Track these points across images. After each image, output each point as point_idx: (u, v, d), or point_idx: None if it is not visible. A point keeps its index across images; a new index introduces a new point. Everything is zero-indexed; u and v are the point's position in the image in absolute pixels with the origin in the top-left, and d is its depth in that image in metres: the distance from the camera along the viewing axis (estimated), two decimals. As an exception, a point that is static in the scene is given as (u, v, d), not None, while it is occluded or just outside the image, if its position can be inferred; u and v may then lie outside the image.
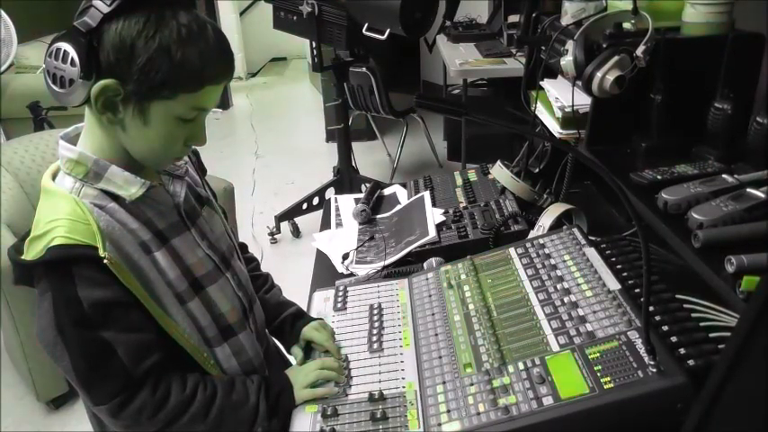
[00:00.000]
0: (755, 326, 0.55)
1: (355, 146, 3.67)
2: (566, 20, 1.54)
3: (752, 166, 1.11)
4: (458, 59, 3.48)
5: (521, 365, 0.95)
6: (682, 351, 0.91)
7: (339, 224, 1.71)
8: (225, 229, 1.15)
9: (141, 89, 0.86)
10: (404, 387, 1.00)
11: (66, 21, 0.87)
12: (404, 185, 1.86)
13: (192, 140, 0.96)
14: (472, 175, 1.78)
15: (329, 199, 1.86)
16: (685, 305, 1.02)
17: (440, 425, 0.90)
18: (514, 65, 3.24)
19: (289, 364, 1.19)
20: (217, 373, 1.04)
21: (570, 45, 1.30)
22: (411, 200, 1.69)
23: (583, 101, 1.39)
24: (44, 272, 0.89)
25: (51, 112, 3.56)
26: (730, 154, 1.17)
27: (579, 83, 1.27)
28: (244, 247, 1.29)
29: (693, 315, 1.00)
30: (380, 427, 0.93)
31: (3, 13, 3.54)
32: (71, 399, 2.27)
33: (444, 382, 0.98)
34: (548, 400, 0.87)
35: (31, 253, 0.88)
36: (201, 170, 1.19)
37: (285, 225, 3.48)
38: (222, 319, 1.06)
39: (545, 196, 1.62)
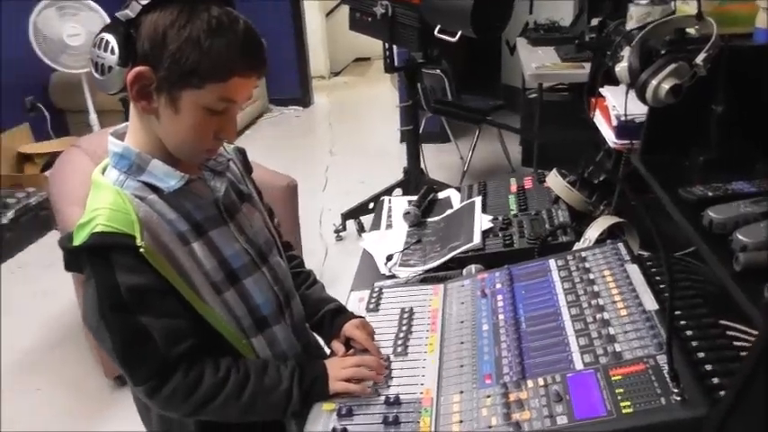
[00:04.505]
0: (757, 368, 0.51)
1: (428, 147, 3.67)
2: (630, 24, 1.47)
3: (817, 187, 1.03)
4: (534, 63, 3.40)
5: (540, 381, 0.92)
6: (715, 380, 0.85)
7: (389, 225, 1.72)
8: (266, 226, 1.18)
9: (172, 76, 0.90)
10: (421, 393, 0.99)
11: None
12: (459, 190, 1.84)
13: (222, 133, 0.99)
14: (528, 183, 1.74)
15: (382, 200, 1.87)
16: (728, 332, 0.96)
17: (450, 434, 0.89)
18: (593, 70, 3.12)
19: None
20: (253, 358, 1.07)
21: (627, 51, 1.25)
22: (462, 205, 1.67)
23: (641, 110, 1.33)
24: (87, 258, 0.95)
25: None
26: (796, 172, 1.08)
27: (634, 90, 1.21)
28: (288, 245, 1.31)
29: (736, 343, 0.94)
30: (392, 430, 0.92)
31: (101, 10, 3.78)
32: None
33: (462, 392, 0.96)
34: (561, 420, 0.84)
35: (77, 239, 0.94)
36: (247, 169, 1.22)
37: (351, 223, 3.53)
38: (257, 311, 1.09)
39: (601, 207, 1.56)
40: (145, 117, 0.97)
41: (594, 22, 3.77)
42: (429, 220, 1.68)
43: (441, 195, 1.84)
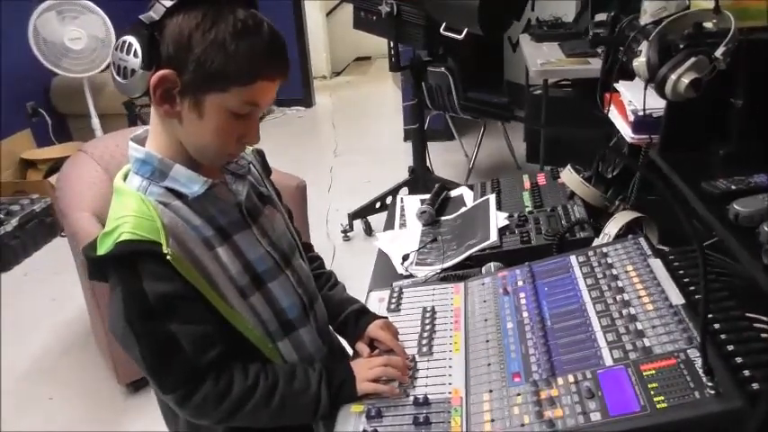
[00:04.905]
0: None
1: (433, 146, 3.66)
2: (644, 19, 1.47)
3: (841, 178, 1.02)
4: (539, 59, 3.40)
5: (570, 378, 0.91)
6: (746, 373, 0.85)
7: (403, 224, 1.71)
8: (287, 228, 1.17)
9: (196, 80, 0.89)
10: (450, 393, 0.99)
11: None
12: (471, 188, 1.84)
13: (246, 138, 0.98)
14: (541, 179, 1.73)
15: (394, 199, 1.86)
16: (756, 324, 0.96)
17: (482, 434, 0.89)
18: (599, 65, 3.12)
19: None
20: (280, 362, 1.07)
21: (644, 45, 1.24)
22: (476, 203, 1.67)
23: (658, 104, 1.33)
24: (113, 266, 0.94)
25: (144, 109, 3.78)
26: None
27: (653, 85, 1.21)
28: (309, 246, 1.31)
29: (764, 335, 0.93)
30: (423, 431, 0.92)
31: (102, 13, 3.77)
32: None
33: (491, 391, 0.96)
34: (595, 416, 0.84)
35: (102, 248, 0.93)
36: (266, 170, 1.21)
37: (358, 223, 3.53)
38: (283, 315, 1.09)
39: (617, 203, 1.56)
40: (167, 121, 0.96)
41: (598, 17, 3.76)
42: (443, 218, 1.68)
43: (453, 193, 1.84)
